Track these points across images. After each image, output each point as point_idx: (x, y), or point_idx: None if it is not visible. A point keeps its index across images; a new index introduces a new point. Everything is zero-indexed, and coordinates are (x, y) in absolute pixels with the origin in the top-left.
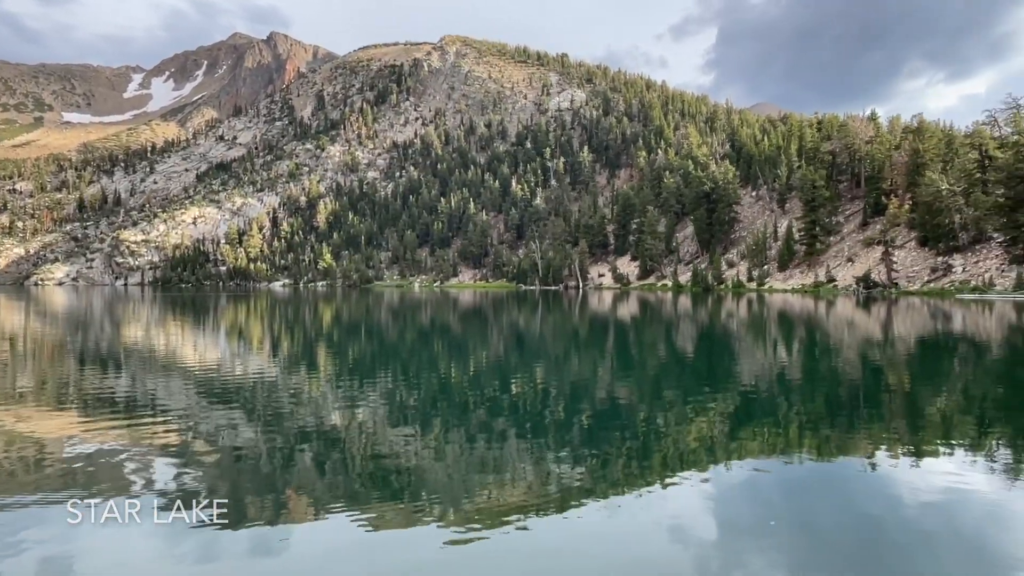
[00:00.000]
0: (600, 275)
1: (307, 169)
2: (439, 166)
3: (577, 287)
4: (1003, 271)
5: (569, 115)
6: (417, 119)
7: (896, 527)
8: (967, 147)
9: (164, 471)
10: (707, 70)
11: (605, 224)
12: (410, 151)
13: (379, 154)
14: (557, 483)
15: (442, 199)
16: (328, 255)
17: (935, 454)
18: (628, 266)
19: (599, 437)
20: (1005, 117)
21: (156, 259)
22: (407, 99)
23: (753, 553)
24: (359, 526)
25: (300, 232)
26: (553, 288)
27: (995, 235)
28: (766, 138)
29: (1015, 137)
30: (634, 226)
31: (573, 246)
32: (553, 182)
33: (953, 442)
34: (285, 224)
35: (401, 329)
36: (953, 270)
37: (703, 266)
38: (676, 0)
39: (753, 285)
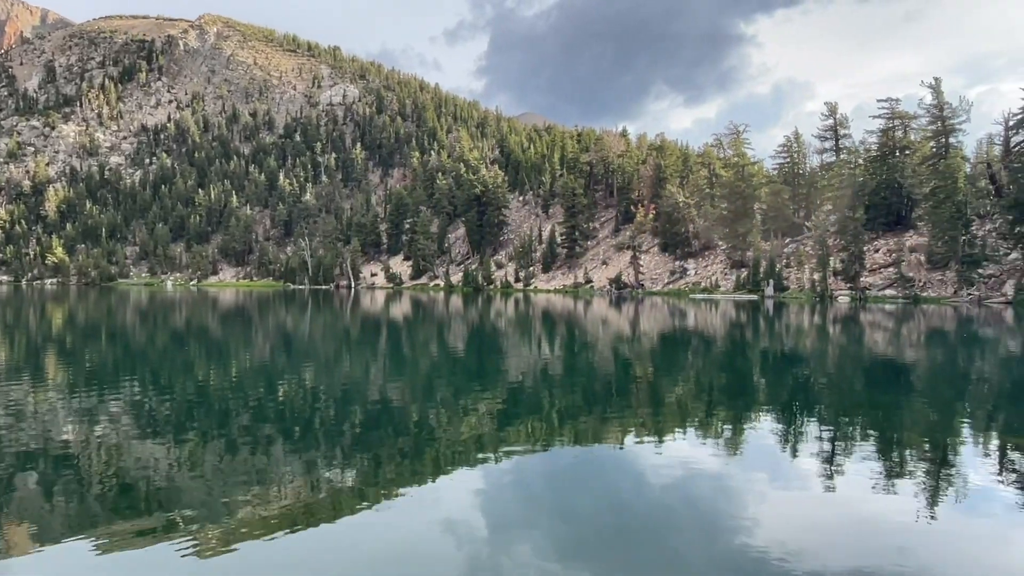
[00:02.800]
0: (373, 274)
1: (32, 149)
2: (197, 154)
3: (349, 286)
4: (726, 274)
5: (341, 110)
6: (171, 102)
7: (643, 504)
8: (699, 165)
9: None
10: (479, 76)
11: (378, 223)
12: (162, 136)
13: (125, 137)
14: (327, 488)
15: (200, 190)
16: (60, 249)
17: (673, 436)
18: (401, 266)
19: (371, 438)
20: (728, 141)
21: None
22: (159, 79)
23: (522, 541)
24: (101, 553)
25: (23, 221)
26: (324, 287)
27: (720, 243)
28: (532, 146)
29: (736, 159)
30: (407, 226)
31: (345, 244)
32: (324, 178)
33: (687, 424)
34: (3, 211)
35: (150, 333)
36: (688, 273)
37: (474, 267)
38: (451, 4)
39: (520, 286)
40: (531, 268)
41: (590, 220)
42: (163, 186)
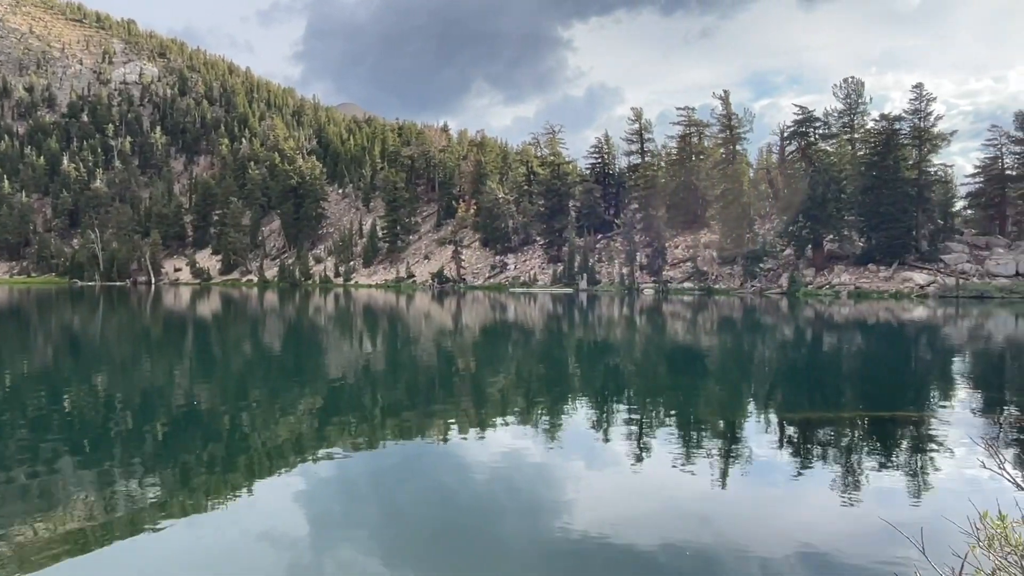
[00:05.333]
0: (176, 270)
1: None
2: None
3: (148, 283)
4: (544, 268)
5: (138, 90)
6: None
7: (467, 496)
8: (518, 162)
9: None
10: (296, 62)
11: (182, 214)
12: None
13: None
14: (126, 504)
15: None
16: None
17: (495, 427)
18: (209, 260)
19: (175, 447)
20: (545, 140)
21: None
22: None
23: (345, 543)
24: None
25: None
26: (118, 284)
27: (538, 238)
28: (352, 138)
29: (552, 158)
30: (216, 218)
31: (143, 237)
32: (118, 163)
33: (508, 415)
34: None
35: None
36: (508, 267)
37: (290, 261)
38: None
39: (340, 281)
40: (352, 263)
41: (412, 214)
42: None
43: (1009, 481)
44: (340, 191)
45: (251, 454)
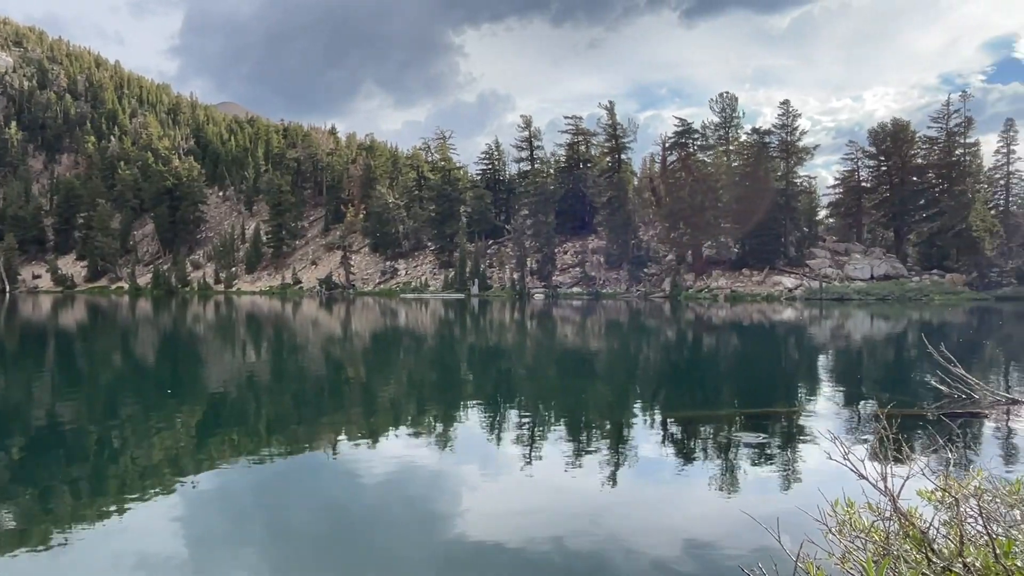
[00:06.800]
0: (35, 277)
1: None
2: None
3: (3, 291)
4: (435, 274)
5: None
6: None
7: (360, 507)
8: (408, 167)
9: None
10: (172, 57)
11: (42, 216)
12: None
13: None
14: None
15: None
16: None
17: (387, 435)
18: (73, 266)
19: (35, 469)
20: (436, 145)
21: None
22: None
23: (229, 564)
24: None
25: None
26: None
27: (429, 243)
28: (233, 138)
29: (443, 163)
30: (81, 221)
31: None
32: None
33: (400, 422)
34: None
35: None
36: (398, 273)
37: (166, 267)
38: None
39: (221, 287)
40: (234, 268)
41: (298, 219)
42: None
43: (851, 471)
44: (221, 194)
45: (122, 474)
